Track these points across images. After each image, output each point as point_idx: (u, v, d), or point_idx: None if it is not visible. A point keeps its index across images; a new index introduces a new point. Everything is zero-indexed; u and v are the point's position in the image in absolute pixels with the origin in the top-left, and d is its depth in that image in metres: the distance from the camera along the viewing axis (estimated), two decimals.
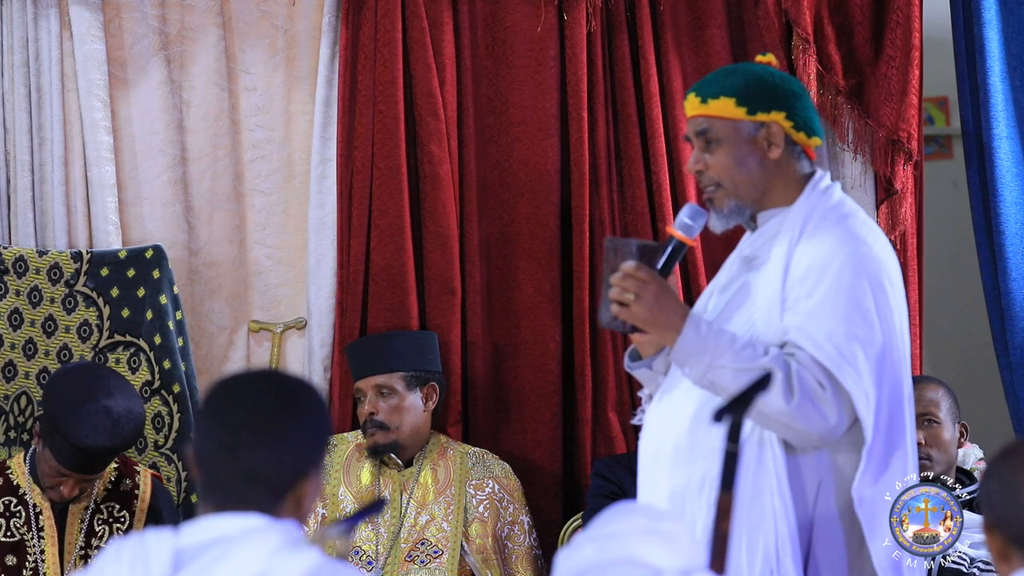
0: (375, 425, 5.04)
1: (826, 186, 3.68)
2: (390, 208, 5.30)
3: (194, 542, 2.66)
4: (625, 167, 5.37)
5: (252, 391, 2.74)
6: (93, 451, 4.60)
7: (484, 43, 5.40)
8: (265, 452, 2.69)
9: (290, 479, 2.71)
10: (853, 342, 3.49)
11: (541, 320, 5.35)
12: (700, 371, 3.50)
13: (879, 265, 3.60)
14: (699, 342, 3.50)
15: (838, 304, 3.51)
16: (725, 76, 3.70)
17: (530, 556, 5.09)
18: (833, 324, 3.50)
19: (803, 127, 3.66)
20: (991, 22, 5.28)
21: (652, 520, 2.69)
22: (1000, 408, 5.39)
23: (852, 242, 3.59)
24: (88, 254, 5.28)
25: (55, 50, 5.32)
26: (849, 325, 3.50)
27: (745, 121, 3.63)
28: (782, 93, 3.66)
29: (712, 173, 3.66)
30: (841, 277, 3.53)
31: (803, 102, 3.68)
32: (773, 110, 3.63)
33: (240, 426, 2.69)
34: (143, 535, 2.70)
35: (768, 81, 3.67)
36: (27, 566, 4.76)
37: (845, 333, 3.49)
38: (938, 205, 6.07)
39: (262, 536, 2.65)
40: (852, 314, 3.52)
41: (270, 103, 5.44)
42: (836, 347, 3.48)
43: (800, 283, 3.55)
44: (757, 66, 3.74)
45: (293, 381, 2.79)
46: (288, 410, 2.72)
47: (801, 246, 3.59)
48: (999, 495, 2.70)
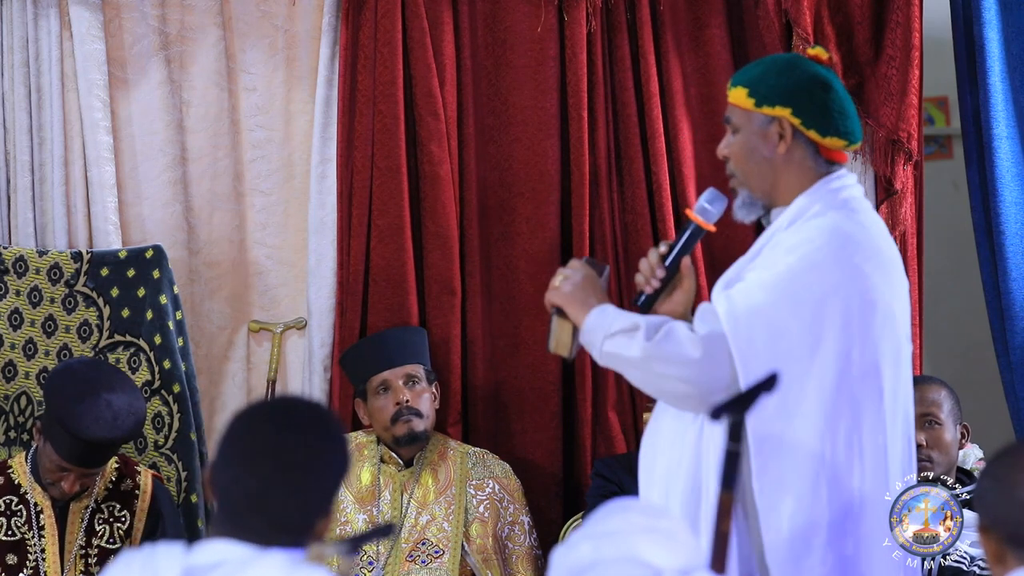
0: (411, 412, 5.04)
1: (838, 186, 3.61)
2: (390, 208, 5.30)
3: (204, 562, 2.68)
4: (625, 167, 5.37)
5: (280, 436, 2.73)
6: (94, 443, 4.62)
7: (484, 43, 5.40)
8: (294, 503, 2.71)
9: (313, 522, 2.74)
10: (756, 316, 3.44)
11: (541, 320, 5.35)
12: (599, 346, 3.51)
13: (865, 257, 3.52)
14: (602, 320, 3.52)
15: (780, 287, 3.46)
16: (755, 65, 3.69)
17: (530, 556, 5.09)
18: (758, 296, 3.46)
19: (814, 125, 3.58)
20: (991, 22, 5.28)
21: (650, 517, 2.69)
22: (1000, 408, 5.39)
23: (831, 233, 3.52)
24: (88, 254, 5.28)
25: (55, 50, 5.32)
26: (771, 304, 3.45)
27: (756, 112, 3.61)
28: (797, 89, 3.59)
29: (731, 160, 3.66)
30: (800, 263, 3.47)
31: (817, 99, 3.59)
32: (778, 104, 3.58)
33: (271, 478, 2.70)
34: (154, 549, 2.72)
35: (788, 74, 3.61)
36: (27, 565, 4.77)
37: (761, 308, 3.44)
38: (938, 205, 6.07)
39: (270, 558, 2.66)
40: (782, 297, 3.46)
41: (270, 103, 5.44)
42: (748, 310, 3.43)
43: (758, 256, 3.54)
44: (791, 57, 3.71)
45: (319, 417, 2.78)
46: (317, 456, 2.73)
47: (782, 234, 3.56)
48: (993, 495, 2.70)
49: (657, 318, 3.53)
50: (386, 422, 5.06)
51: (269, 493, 2.70)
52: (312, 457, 2.73)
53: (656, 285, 3.63)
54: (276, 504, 2.70)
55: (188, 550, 2.70)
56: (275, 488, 2.70)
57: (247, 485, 2.71)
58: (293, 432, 2.73)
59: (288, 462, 2.71)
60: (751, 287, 3.48)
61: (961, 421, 4.78)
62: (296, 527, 2.72)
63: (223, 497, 2.73)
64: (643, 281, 3.65)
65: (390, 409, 5.05)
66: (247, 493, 2.70)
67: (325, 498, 2.74)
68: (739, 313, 3.44)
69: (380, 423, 5.08)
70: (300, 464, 2.71)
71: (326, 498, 2.74)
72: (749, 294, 3.47)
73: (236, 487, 2.72)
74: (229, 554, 2.68)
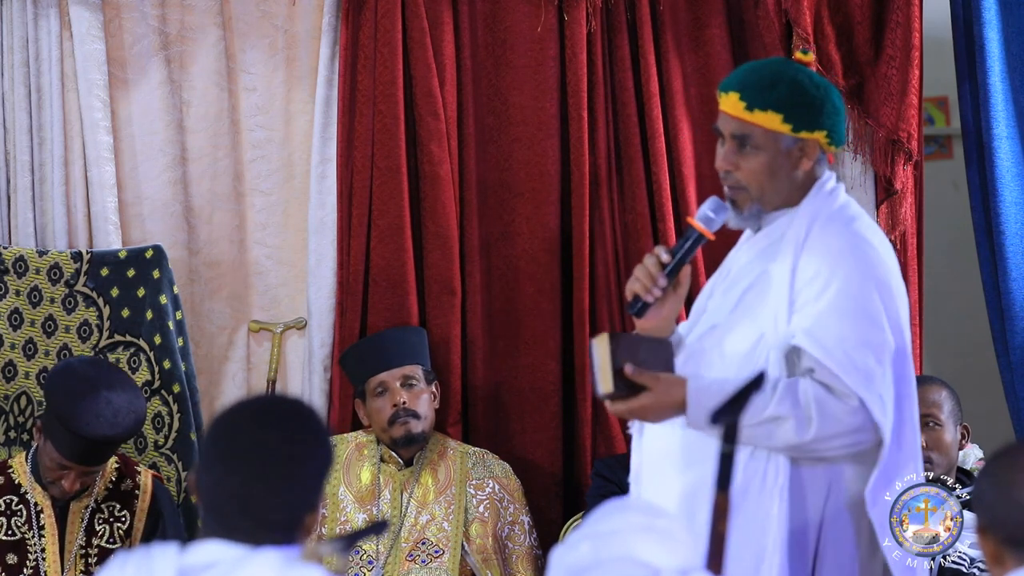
0: (408, 414, 5.04)
1: (831, 188, 3.68)
2: (390, 208, 5.30)
3: (198, 562, 2.68)
4: (625, 167, 5.37)
5: (260, 434, 2.73)
6: (94, 440, 4.62)
7: (484, 43, 5.40)
8: (278, 501, 2.71)
9: (300, 517, 2.74)
10: (863, 347, 3.49)
11: (541, 320, 5.35)
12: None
13: (886, 269, 3.60)
14: (705, 412, 3.46)
15: (847, 308, 3.51)
16: (771, 85, 3.64)
17: (530, 556, 5.09)
18: (843, 329, 3.49)
19: (836, 142, 3.68)
20: (991, 22, 5.28)
21: (648, 517, 2.68)
22: (1000, 408, 5.39)
23: (860, 245, 3.59)
24: (88, 254, 5.28)
25: (55, 50, 5.32)
26: (859, 330, 3.50)
27: (787, 135, 3.63)
28: (826, 110, 3.64)
29: (741, 176, 3.65)
30: (850, 281, 3.53)
31: (841, 116, 3.68)
32: (816, 129, 3.63)
33: (252, 477, 2.71)
34: (149, 550, 2.72)
35: (814, 96, 3.64)
36: (28, 564, 4.77)
37: (855, 338, 3.49)
38: (938, 205, 6.07)
39: (264, 556, 2.66)
40: (861, 319, 3.51)
41: (270, 103, 5.44)
42: (845, 352, 3.48)
43: (808, 285, 3.54)
44: (802, 74, 3.68)
45: (297, 413, 2.78)
46: (298, 452, 2.73)
47: (808, 248, 3.59)
48: (991, 496, 2.70)
49: (782, 386, 3.50)
50: (384, 423, 5.06)
51: (252, 492, 2.70)
52: (293, 453, 2.73)
53: (658, 295, 3.63)
54: (260, 502, 2.70)
55: (182, 551, 2.70)
56: (258, 486, 2.71)
57: (230, 485, 2.71)
58: (272, 430, 2.74)
59: (269, 460, 2.72)
60: (853, 345, 3.50)
61: (961, 421, 4.77)
62: (283, 524, 2.72)
63: (209, 499, 2.74)
64: (642, 289, 3.63)
65: (387, 411, 5.05)
66: (231, 493, 2.71)
67: (310, 493, 2.74)
68: (855, 366, 3.49)
69: (378, 424, 5.08)
70: (281, 461, 2.72)
71: (311, 493, 2.74)
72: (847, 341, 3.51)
73: (220, 488, 2.72)
74: (223, 554, 2.68)
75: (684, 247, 3.64)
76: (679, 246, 3.64)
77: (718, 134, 3.70)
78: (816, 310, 3.51)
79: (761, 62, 3.85)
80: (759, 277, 3.64)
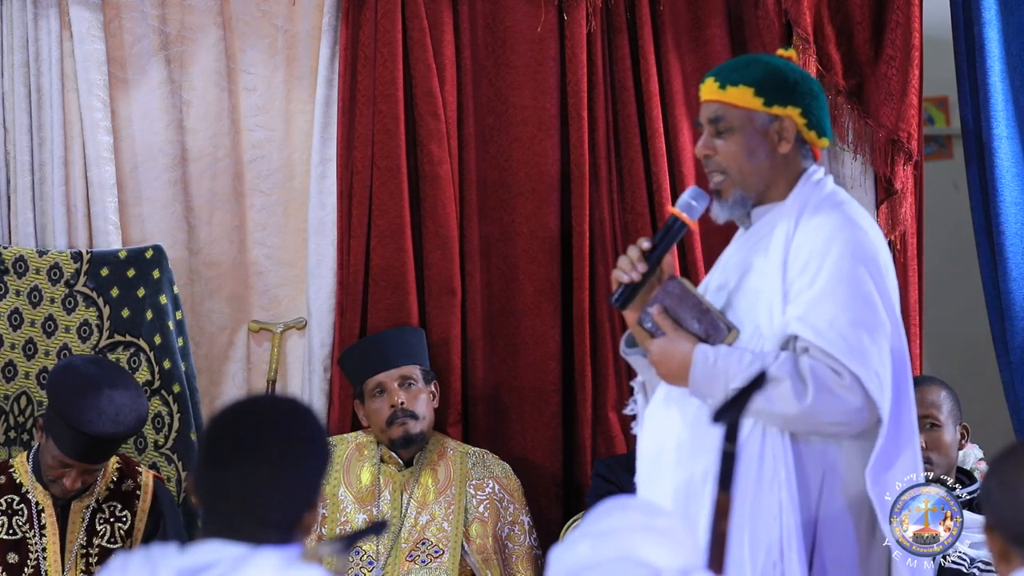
0: (406, 415, 5.04)
1: (818, 179, 3.70)
2: (390, 208, 5.30)
3: (198, 563, 2.69)
4: (625, 167, 5.37)
5: (256, 435, 2.74)
6: (96, 438, 4.62)
7: (484, 43, 5.40)
8: (277, 500, 2.72)
9: (299, 516, 2.75)
10: (857, 327, 3.50)
11: (541, 320, 5.35)
12: (720, 399, 3.50)
13: (876, 249, 3.62)
14: (709, 371, 3.52)
15: (839, 291, 3.53)
16: (746, 65, 3.73)
17: (530, 556, 5.10)
18: (835, 311, 3.51)
19: (815, 126, 3.68)
20: (991, 22, 5.28)
21: (648, 516, 2.68)
22: (1000, 408, 5.39)
23: (848, 227, 3.60)
24: (88, 254, 5.28)
25: (55, 50, 5.32)
26: (852, 311, 3.52)
27: (760, 112, 3.66)
28: (800, 90, 3.67)
29: (720, 159, 3.68)
30: (840, 263, 3.55)
31: (819, 102, 3.70)
32: (789, 105, 3.65)
33: (250, 477, 2.71)
34: (150, 551, 2.72)
35: (788, 76, 3.68)
36: (28, 564, 4.77)
37: (848, 319, 3.51)
38: (938, 205, 6.07)
39: (264, 556, 2.67)
40: (854, 300, 3.53)
41: (270, 103, 5.44)
42: (840, 334, 3.49)
43: (801, 274, 3.56)
44: (779, 59, 3.75)
45: (293, 412, 2.79)
46: (295, 451, 2.74)
47: (798, 236, 3.60)
48: (999, 495, 2.71)
49: (782, 358, 3.51)
50: (382, 424, 5.06)
51: (250, 491, 2.71)
52: (289, 452, 2.74)
53: (636, 277, 3.64)
54: (259, 501, 2.71)
55: (183, 551, 2.70)
56: (256, 486, 2.71)
57: (228, 485, 2.72)
58: (268, 429, 2.74)
59: (266, 459, 2.73)
60: (846, 325, 3.51)
61: (961, 421, 4.77)
62: (281, 523, 2.72)
63: (207, 500, 2.75)
64: (621, 273, 3.65)
65: (385, 412, 5.05)
66: (229, 494, 2.72)
67: (307, 492, 2.74)
68: (850, 345, 3.50)
69: (377, 425, 5.09)
70: (278, 460, 2.73)
71: (309, 491, 2.75)
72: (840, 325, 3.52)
73: (217, 488, 2.73)
74: (223, 554, 2.68)
75: (664, 235, 3.66)
76: (659, 234, 3.67)
77: (699, 128, 3.74)
78: (808, 297, 3.54)
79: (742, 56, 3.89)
80: (751, 272, 3.65)
